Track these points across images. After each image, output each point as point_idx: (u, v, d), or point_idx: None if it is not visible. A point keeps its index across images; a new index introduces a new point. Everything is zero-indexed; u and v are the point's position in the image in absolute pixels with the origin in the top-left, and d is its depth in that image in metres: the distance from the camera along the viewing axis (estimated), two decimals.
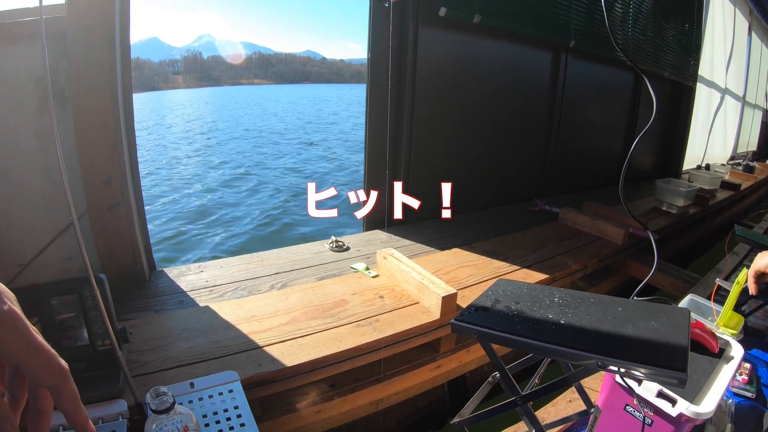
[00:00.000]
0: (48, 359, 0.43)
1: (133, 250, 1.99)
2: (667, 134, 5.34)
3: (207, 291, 2.01)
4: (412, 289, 1.96)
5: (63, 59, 1.70)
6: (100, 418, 1.15)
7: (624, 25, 4.03)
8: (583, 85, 4.11)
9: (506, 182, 3.75)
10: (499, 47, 3.33)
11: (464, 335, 0.78)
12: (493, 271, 2.29)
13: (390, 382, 1.81)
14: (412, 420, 2.12)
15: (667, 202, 3.77)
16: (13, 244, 1.75)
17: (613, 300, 0.83)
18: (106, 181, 1.85)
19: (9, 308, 0.42)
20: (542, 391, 0.77)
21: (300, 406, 1.65)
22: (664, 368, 0.63)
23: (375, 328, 1.72)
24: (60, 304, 1.26)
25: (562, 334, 0.72)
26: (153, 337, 1.59)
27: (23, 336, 0.42)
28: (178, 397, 1.23)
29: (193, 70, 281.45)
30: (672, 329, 0.72)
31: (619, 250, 2.81)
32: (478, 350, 2.04)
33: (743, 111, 7.17)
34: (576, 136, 4.23)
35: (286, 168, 10.97)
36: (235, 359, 1.50)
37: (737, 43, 6.48)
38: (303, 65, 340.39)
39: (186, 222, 6.37)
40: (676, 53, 4.73)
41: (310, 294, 1.95)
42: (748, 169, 5.78)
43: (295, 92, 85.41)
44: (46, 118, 1.68)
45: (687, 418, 1.01)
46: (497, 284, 0.92)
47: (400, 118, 2.89)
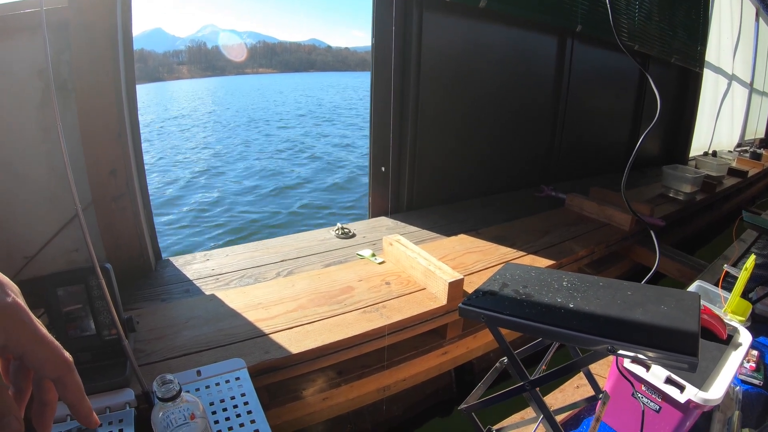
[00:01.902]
0: (52, 351, 0.43)
1: (139, 240, 2.00)
2: (674, 120, 5.30)
3: (213, 279, 2.01)
4: (418, 275, 1.95)
5: (65, 51, 1.69)
6: (108, 407, 1.16)
7: (629, 9, 3.99)
8: (589, 70, 4.07)
9: (512, 168, 3.74)
10: (504, 32, 3.30)
11: (472, 319, 0.78)
12: (500, 257, 2.28)
13: (397, 368, 1.81)
14: (419, 406, 2.12)
15: (674, 189, 3.75)
16: (18, 237, 1.76)
17: (622, 284, 0.83)
18: (111, 172, 1.85)
19: (13, 300, 0.41)
20: (550, 376, 0.76)
21: (307, 393, 1.65)
22: (675, 352, 0.62)
23: (382, 315, 1.72)
24: (66, 295, 1.27)
25: (571, 318, 0.71)
26: (159, 326, 1.60)
27: (28, 328, 0.41)
28: (185, 385, 1.24)
29: (198, 60, 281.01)
30: (682, 313, 0.71)
31: (626, 236, 2.79)
32: (484, 336, 2.04)
33: (751, 98, 7.09)
34: (582, 122, 4.20)
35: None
36: (242, 347, 1.50)
37: (744, 29, 6.39)
38: (308, 54, 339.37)
39: (192, 211, 6.39)
40: (683, 38, 4.68)
41: (317, 281, 1.95)
42: (755, 156, 5.72)
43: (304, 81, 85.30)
44: (49, 110, 1.68)
45: (695, 404, 1.01)
46: (505, 268, 0.91)
47: (406, 103, 2.88)
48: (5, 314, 0.40)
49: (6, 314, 0.40)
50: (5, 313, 0.40)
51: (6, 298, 0.41)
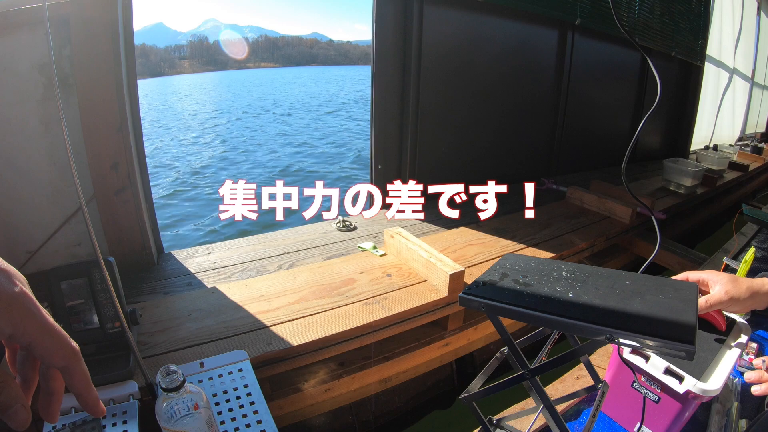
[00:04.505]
0: (60, 340, 0.43)
1: (141, 233, 2.01)
2: (674, 114, 5.28)
3: (215, 272, 2.02)
4: (419, 268, 1.96)
5: (66, 46, 1.69)
6: (112, 400, 1.17)
7: (631, 2, 3.98)
8: (589, 64, 4.06)
9: (513, 161, 3.73)
10: (504, 26, 3.29)
11: (472, 308, 0.78)
12: (500, 249, 2.29)
13: (398, 360, 1.82)
14: (421, 398, 2.14)
15: (675, 182, 3.75)
16: (21, 232, 1.77)
17: (620, 274, 0.83)
18: (113, 166, 1.85)
19: (20, 290, 0.41)
20: (550, 365, 0.77)
21: (309, 384, 1.67)
22: (673, 340, 0.63)
23: (383, 306, 1.73)
24: (70, 288, 1.27)
25: (570, 307, 0.72)
26: (162, 318, 1.61)
27: (35, 317, 0.42)
28: (189, 377, 1.25)
29: (199, 54, 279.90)
30: (680, 303, 0.72)
31: (627, 229, 2.80)
32: (485, 328, 2.05)
33: (752, 92, 7.07)
34: (583, 116, 4.19)
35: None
36: (245, 339, 1.51)
37: (746, 23, 6.37)
38: (310, 48, 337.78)
39: (193, 204, 6.39)
40: (684, 32, 4.66)
41: (318, 273, 1.96)
42: (756, 150, 5.70)
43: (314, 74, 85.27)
44: (50, 105, 1.68)
45: (694, 395, 1.02)
46: (505, 258, 0.92)
47: (406, 97, 2.88)
48: (12, 304, 0.40)
49: (13, 304, 0.40)
50: (12, 302, 0.40)
51: (13, 287, 0.41)
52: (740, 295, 1.10)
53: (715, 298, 1.10)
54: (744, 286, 1.11)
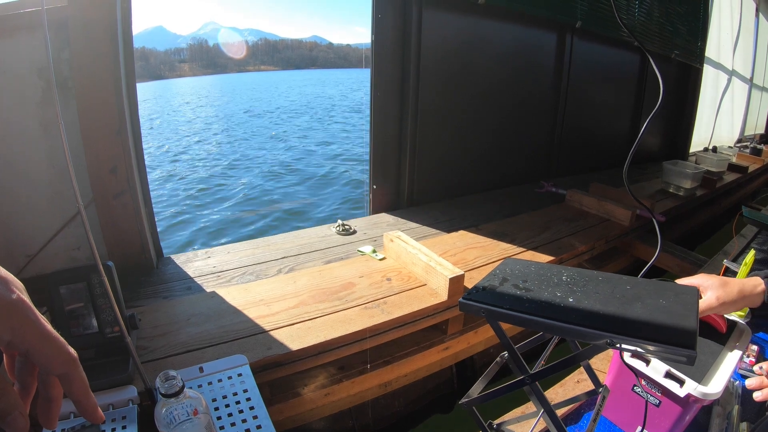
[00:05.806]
0: (58, 347, 0.43)
1: (140, 237, 2.00)
2: (673, 116, 5.29)
3: (214, 277, 2.02)
4: (419, 271, 1.96)
5: (65, 49, 1.69)
6: (111, 405, 1.16)
7: (630, 5, 3.99)
8: (589, 66, 4.06)
9: (512, 164, 3.73)
10: (504, 28, 3.29)
11: (472, 314, 0.78)
12: (500, 253, 2.29)
13: (398, 364, 1.82)
14: (421, 402, 2.13)
15: (674, 184, 3.74)
16: (20, 236, 1.76)
17: (621, 278, 0.83)
18: (112, 169, 1.85)
19: (18, 297, 0.41)
20: (550, 370, 0.77)
21: (309, 388, 1.66)
22: (674, 345, 0.63)
23: (383, 310, 1.73)
24: (68, 293, 1.27)
25: (571, 312, 0.72)
26: (161, 323, 1.60)
27: (33, 324, 0.42)
28: (188, 381, 1.25)
29: (199, 57, 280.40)
30: (680, 307, 0.72)
31: (626, 231, 2.80)
32: (485, 332, 2.04)
33: (751, 93, 7.08)
34: (582, 118, 4.20)
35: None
36: (244, 343, 1.50)
37: (744, 24, 6.38)
38: (310, 51, 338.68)
39: (192, 208, 6.39)
40: (683, 34, 4.67)
41: (318, 277, 1.95)
42: (755, 151, 5.70)
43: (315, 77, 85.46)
44: (49, 108, 1.68)
45: (695, 398, 1.01)
46: (504, 263, 0.92)
47: (405, 100, 2.88)
48: (10, 311, 0.40)
49: (11, 311, 0.40)
50: (10, 310, 0.40)
51: (11, 294, 0.41)
52: (731, 298, 1.14)
53: (706, 305, 1.14)
54: (735, 290, 1.15)
